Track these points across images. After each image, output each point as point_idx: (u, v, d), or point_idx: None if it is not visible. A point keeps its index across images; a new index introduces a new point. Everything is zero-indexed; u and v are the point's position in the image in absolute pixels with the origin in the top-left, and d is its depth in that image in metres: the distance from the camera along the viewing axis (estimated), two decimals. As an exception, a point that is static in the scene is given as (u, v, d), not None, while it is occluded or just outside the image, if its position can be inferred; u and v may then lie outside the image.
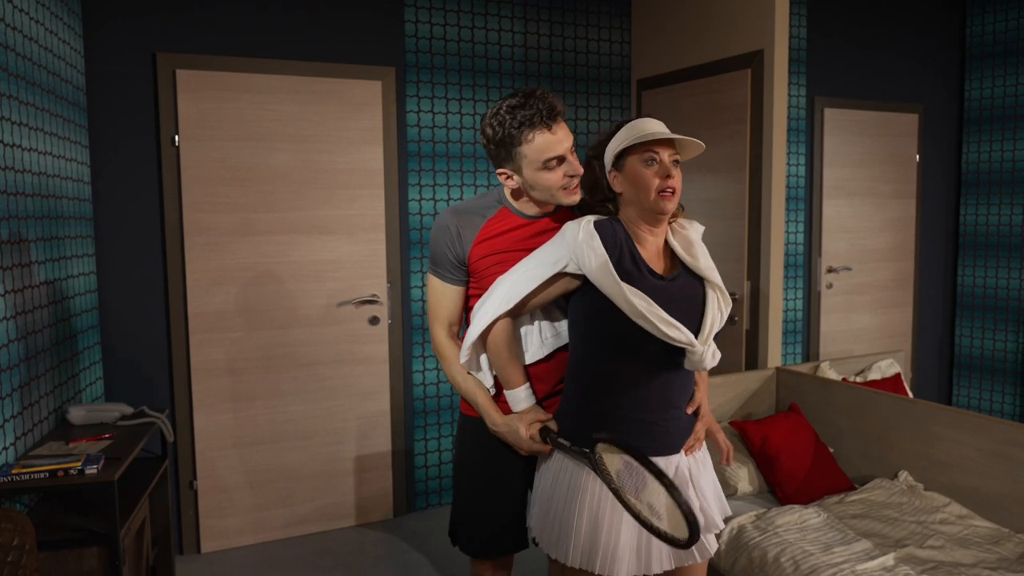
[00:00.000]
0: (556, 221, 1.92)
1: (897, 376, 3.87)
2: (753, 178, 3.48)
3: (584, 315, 1.76)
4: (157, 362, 3.41)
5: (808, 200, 4.42)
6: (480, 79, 3.98)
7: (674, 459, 1.79)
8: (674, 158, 1.74)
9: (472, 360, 1.91)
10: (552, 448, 1.80)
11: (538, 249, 1.80)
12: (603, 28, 4.27)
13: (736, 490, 2.97)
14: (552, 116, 1.80)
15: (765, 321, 3.46)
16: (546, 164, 1.81)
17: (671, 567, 1.76)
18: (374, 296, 3.77)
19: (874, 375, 3.88)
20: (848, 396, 3.12)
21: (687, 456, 1.82)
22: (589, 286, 1.72)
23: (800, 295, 4.39)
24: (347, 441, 3.77)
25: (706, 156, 2.50)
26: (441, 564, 3.38)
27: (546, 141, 1.80)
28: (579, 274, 1.72)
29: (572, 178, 1.84)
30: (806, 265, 4.42)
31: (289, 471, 3.66)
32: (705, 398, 1.89)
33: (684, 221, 1.86)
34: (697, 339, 1.69)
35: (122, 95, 3.29)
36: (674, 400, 1.78)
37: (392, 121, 3.76)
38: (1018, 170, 4.75)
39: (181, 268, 3.40)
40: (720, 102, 3.65)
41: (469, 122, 3.96)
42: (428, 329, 2.34)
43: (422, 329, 3.92)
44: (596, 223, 1.73)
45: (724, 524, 1.92)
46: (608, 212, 1.80)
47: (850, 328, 4.62)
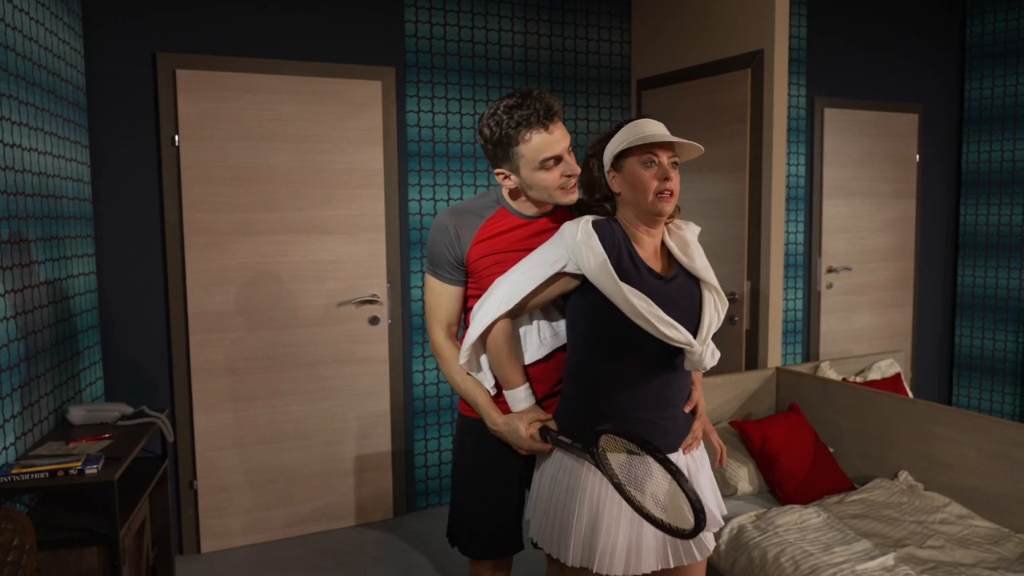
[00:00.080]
0: (554, 221, 1.93)
1: (897, 376, 3.87)
2: (753, 178, 3.48)
3: (583, 315, 1.76)
4: (157, 362, 3.42)
5: (808, 200, 4.42)
6: (480, 79, 3.99)
7: (672, 458, 1.79)
8: (673, 160, 1.74)
9: (472, 361, 1.91)
10: (552, 448, 1.80)
11: (537, 249, 1.80)
12: (603, 28, 4.27)
13: (736, 490, 2.97)
14: (549, 116, 1.80)
15: (765, 321, 3.46)
16: (543, 164, 1.81)
17: (666, 565, 1.76)
18: (374, 296, 3.77)
19: (874, 375, 3.88)
20: (848, 396, 3.12)
21: (685, 455, 1.83)
22: (588, 286, 1.72)
23: (800, 295, 4.39)
24: (347, 441, 3.77)
25: (706, 156, 2.50)
26: (441, 564, 3.38)
27: (543, 141, 1.80)
28: (578, 274, 1.73)
29: (569, 178, 1.84)
30: (806, 265, 4.42)
31: (289, 471, 3.66)
32: (701, 398, 1.90)
33: (680, 222, 1.86)
34: (695, 339, 1.70)
35: (122, 95, 3.29)
36: (672, 399, 1.79)
37: (392, 121, 3.76)
38: (1018, 170, 4.74)
39: (181, 268, 3.41)
40: (720, 102, 3.65)
41: (469, 122, 3.96)
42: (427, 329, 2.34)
43: (422, 329, 3.92)
44: (594, 223, 1.74)
45: (722, 522, 1.93)
46: (605, 212, 1.81)
47: (850, 328, 4.62)
